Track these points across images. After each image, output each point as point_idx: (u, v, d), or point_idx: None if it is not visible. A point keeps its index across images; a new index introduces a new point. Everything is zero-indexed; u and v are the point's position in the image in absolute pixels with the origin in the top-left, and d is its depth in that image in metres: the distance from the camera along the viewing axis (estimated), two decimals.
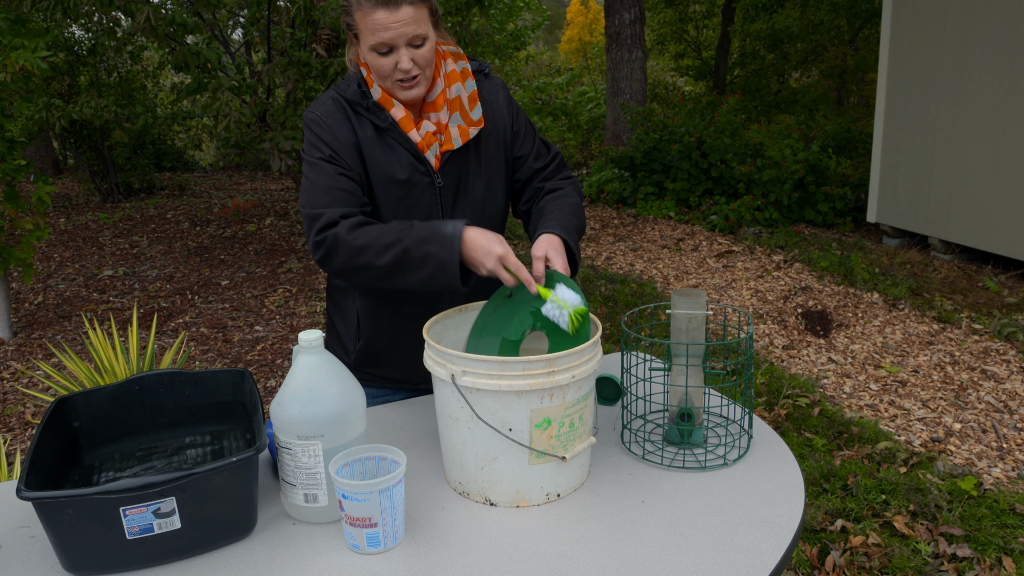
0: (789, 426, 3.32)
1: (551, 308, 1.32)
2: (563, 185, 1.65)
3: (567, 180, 1.67)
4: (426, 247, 1.37)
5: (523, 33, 13.36)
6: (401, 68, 1.42)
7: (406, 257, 1.38)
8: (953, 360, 3.97)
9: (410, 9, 1.38)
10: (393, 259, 1.39)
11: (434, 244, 1.37)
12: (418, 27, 1.40)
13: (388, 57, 1.42)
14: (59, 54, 8.89)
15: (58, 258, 6.88)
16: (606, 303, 5.01)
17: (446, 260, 1.36)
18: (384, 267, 1.40)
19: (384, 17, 1.38)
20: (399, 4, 1.37)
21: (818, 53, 12.62)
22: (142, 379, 1.38)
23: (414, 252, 1.38)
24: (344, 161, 1.49)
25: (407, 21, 1.39)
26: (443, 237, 1.37)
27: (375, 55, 1.43)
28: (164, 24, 5.37)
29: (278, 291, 5.62)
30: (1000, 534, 2.51)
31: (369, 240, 1.40)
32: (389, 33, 1.39)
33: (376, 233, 1.41)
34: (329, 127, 1.49)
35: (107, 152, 9.48)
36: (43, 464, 1.16)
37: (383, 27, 1.38)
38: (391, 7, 1.37)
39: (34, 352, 4.55)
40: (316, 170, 1.48)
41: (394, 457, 1.17)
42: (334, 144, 1.49)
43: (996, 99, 5.27)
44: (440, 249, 1.36)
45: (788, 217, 7.03)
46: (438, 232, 1.38)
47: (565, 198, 1.60)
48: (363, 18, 1.40)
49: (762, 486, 1.29)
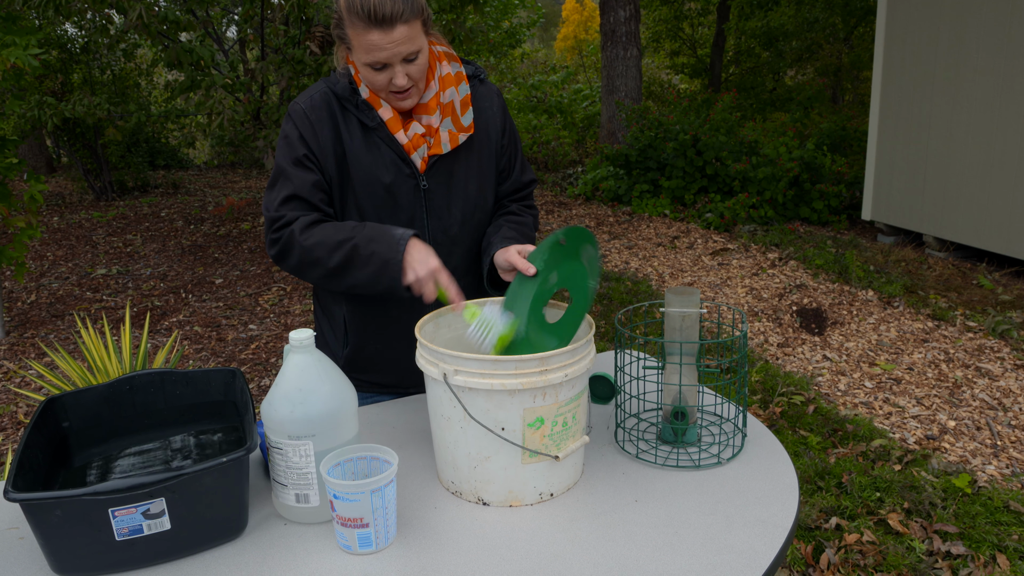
0: (784, 424, 3.32)
1: (474, 331, 1.29)
2: (524, 213, 1.66)
3: (530, 211, 1.68)
4: (373, 246, 1.38)
5: (518, 31, 13.36)
6: (396, 84, 1.41)
7: (354, 254, 1.39)
8: (948, 357, 3.98)
9: (404, 28, 1.35)
10: (343, 257, 1.40)
11: (381, 243, 1.38)
12: (412, 44, 1.38)
13: (382, 73, 1.40)
14: (52, 52, 8.84)
15: (51, 257, 6.86)
16: (601, 301, 5.01)
17: (389, 260, 1.36)
18: (334, 265, 1.41)
19: (378, 38, 1.35)
20: (393, 24, 1.34)
21: (813, 51, 12.63)
22: (132, 379, 1.37)
23: (362, 250, 1.39)
24: (316, 162, 1.48)
25: (401, 40, 1.36)
26: (391, 238, 1.38)
27: (369, 69, 1.41)
28: (157, 21, 5.34)
29: (272, 289, 5.60)
30: (994, 531, 2.52)
31: (321, 238, 1.42)
32: (384, 53, 1.36)
33: (329, 231, 1.42)
34: (311, 123, 1.48)
35: (101, 150, 9.44)
36: (31, 465, 1.15)
37: (377, 48, 1.36)
38: (385, 28, 1.34)
39: (27, 351, 4.53)
40: (285, 172, 1.48)
41: (386, 457, 1.16)
42: (311, 142, 1.48)
43: (990, 97, 5.28)
44: (386, 248, 1.37)
45: (783, 215, 7.04)
46: (387, 233, 1.39)
47: (524, 225, 1.61)
48: (356, 36, 1.37)
49: (756, 485, 1.28)
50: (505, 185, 1.66)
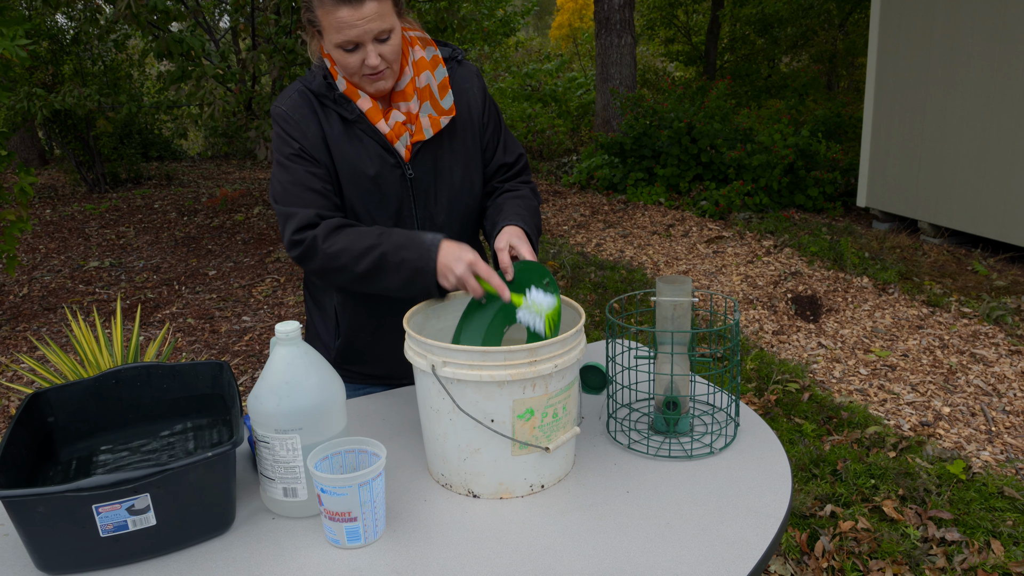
0: (779, 411, 3.31)
1: (525, 314, 1.31)
2: (521, 188, 1.63)
3: (527, 184, 1.65)
4: (403, 253, 1.37)
5: (513, 19, 13.28)
6: (368, 64, 1.39)
7: (383, 262, 1.38)
8: (942, 344, 3.98)
9: (374, 4, 1.34)
10: (370, 264, 1.38)
11: (411, 251, 1.36)
12: (383, 21, 1.36)
13: (354, 54, 1.39)
14: (42, 43, 8.77)
15: (43, 249, 6.82)
16: (595, 290, 5.00)
17: (422, 268, 1.35)
18: (362, 271, 1.40)
19: (348, 15, 1.33)
20: (362, 1, 1.33)
21: (808, 38, 12.59)
22: (118, 373, 1.35)
23: (391, 257, 1.37)
24: (313, 157, 1.46)
25: (371, 17, 1.34)
26: (420, 245, 1.37)
27: (341, 52, 1.39)
28: (146, 11, 5.29)
29: (266, 281, 5.58)
30: (988, 517, 2.52)
31: (347, 244, 1.40)
32: (354, 31, 1.35)
33: (354, 237, 1.41)
34: (296, 122, 1.47)
35: (93, 142, 9.38)
36: (15, 461, 1.14)
37: (348, 25, 1.34)
38: (354, 4, 1.32)
39: (18, 345, 4.50)
40: (286, 168, 1.47)
41: (374, 450, 1.14)
42: (302, 140, 1.46)
43: (985, 83, 5.26)
44: (417, 257, 1.36)
45: (778, 202, 7.03)
46: (415, 240, 1.38)
47: (524, 199, 1.58)
48: (326, 16, 1.36)
49: (749, 475, 1.27)
50: (492, 163, 1.63)
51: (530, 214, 1.52)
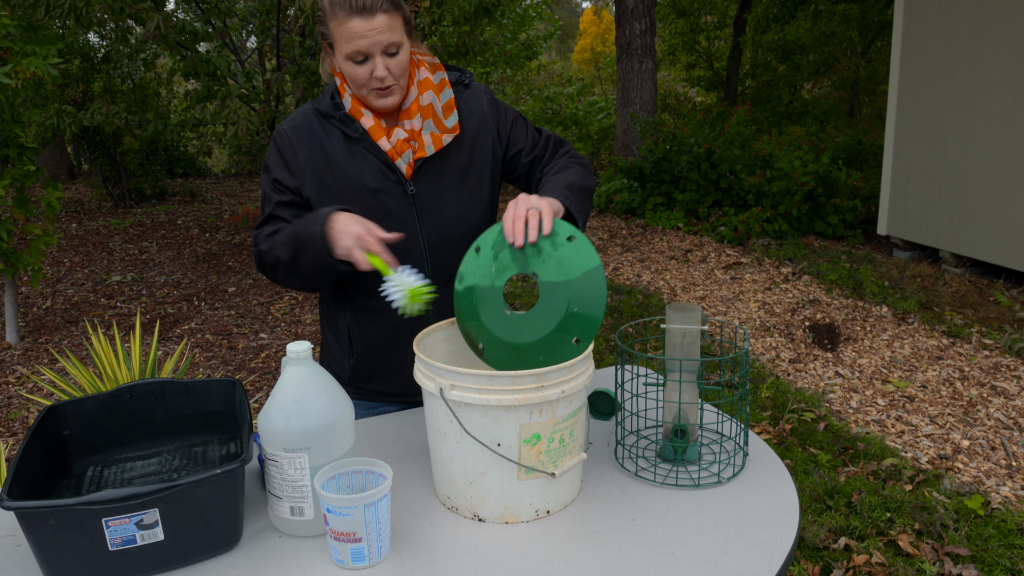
0: (794, 441, 3.28)
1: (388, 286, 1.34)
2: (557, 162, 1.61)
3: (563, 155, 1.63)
4: (307, 227, 1.42)
5: (535, 43, 13.39)
6: (376, 76, 1.44)
7: (295, 241, 1.44)
8: (962, 376, 3.92)
9: (384, 17, 1.40)
10: (290, 249, 1.45)
11: (311, 224, 1.41)
12: (393, 35, 1.42)
13: (363, 66, 1.44)
14: (74, 61, 8.97)
15: (68, 263, 6.93)
16: (611, 314, 4.99)
17: (313, 235, 1.39)
18: (287, 259, 1.46)
19: (359, 25, 1.39)
20: (374, 12, 1.39)
21: (830, 64, 12.57)
22: (133, 388, 1.38)
23: (300, 234, 1.43)
24: (290, 185, 1.53)
25: (382, 29, 1.40)
26: (317, 215, 1.41)
27: (350, 64, 1.44)
28: (175, 32, 5.41)
29: (284, 299, 5.63)
30: (1007, 555, 2.47)
31: (276, 238, 1.49)
32: (364, 41, 1.40)
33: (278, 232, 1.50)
34: (291, 143, 1.54)
35: (119, 158, 9.55)
36: (29, 473, 1.15)
37: (358, 35, 1.40)
38: (366, 15, 1.39)
39: (40, 357, 4.57)
40: (265, 198, 1.57)
41: (381, 471, 1.15)
42: (291, 162, 1.53)
43: (1007, 110, 5.23)
44: (313, 226, 1.40)
45: (797, 229, 6.99)
46: (316, 213, 1.43)
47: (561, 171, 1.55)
48: (338, 27, 1.42)
49: (756, 505, 1.27)
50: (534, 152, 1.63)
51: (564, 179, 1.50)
